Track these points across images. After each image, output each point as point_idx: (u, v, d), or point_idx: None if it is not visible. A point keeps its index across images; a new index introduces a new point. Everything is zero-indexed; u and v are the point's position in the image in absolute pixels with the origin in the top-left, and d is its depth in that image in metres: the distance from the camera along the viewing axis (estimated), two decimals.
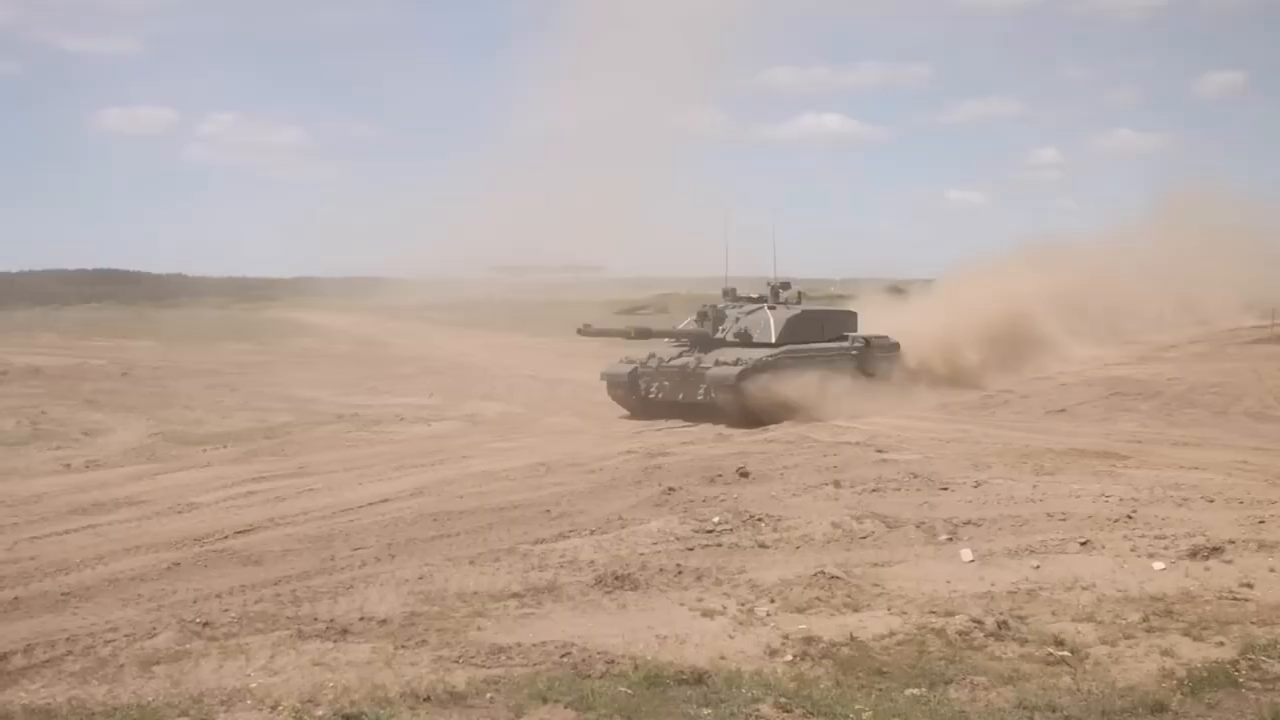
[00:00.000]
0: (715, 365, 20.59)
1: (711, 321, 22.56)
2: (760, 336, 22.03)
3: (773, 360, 20.85)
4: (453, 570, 9.50)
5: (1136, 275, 35.20)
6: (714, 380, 20.28)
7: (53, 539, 11.26)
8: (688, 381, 20.92)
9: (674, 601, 8.60)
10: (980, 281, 30.24)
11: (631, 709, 6.24)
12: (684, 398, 20.90)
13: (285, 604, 8.62)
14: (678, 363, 21.39)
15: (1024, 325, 28.83)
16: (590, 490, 13.28)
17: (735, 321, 22.59)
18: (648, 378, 21.62)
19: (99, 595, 9.20)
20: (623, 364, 22.18)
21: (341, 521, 11.84)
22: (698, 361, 21.11)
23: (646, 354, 22.15)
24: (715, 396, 20.22)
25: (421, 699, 6.38)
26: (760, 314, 22.67)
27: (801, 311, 23.12)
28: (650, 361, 21.80)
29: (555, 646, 7.42)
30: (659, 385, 21.38)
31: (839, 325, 24.01)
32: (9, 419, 20.32)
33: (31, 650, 7.73)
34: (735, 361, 20.38)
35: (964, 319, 26.92)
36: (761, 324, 22.36)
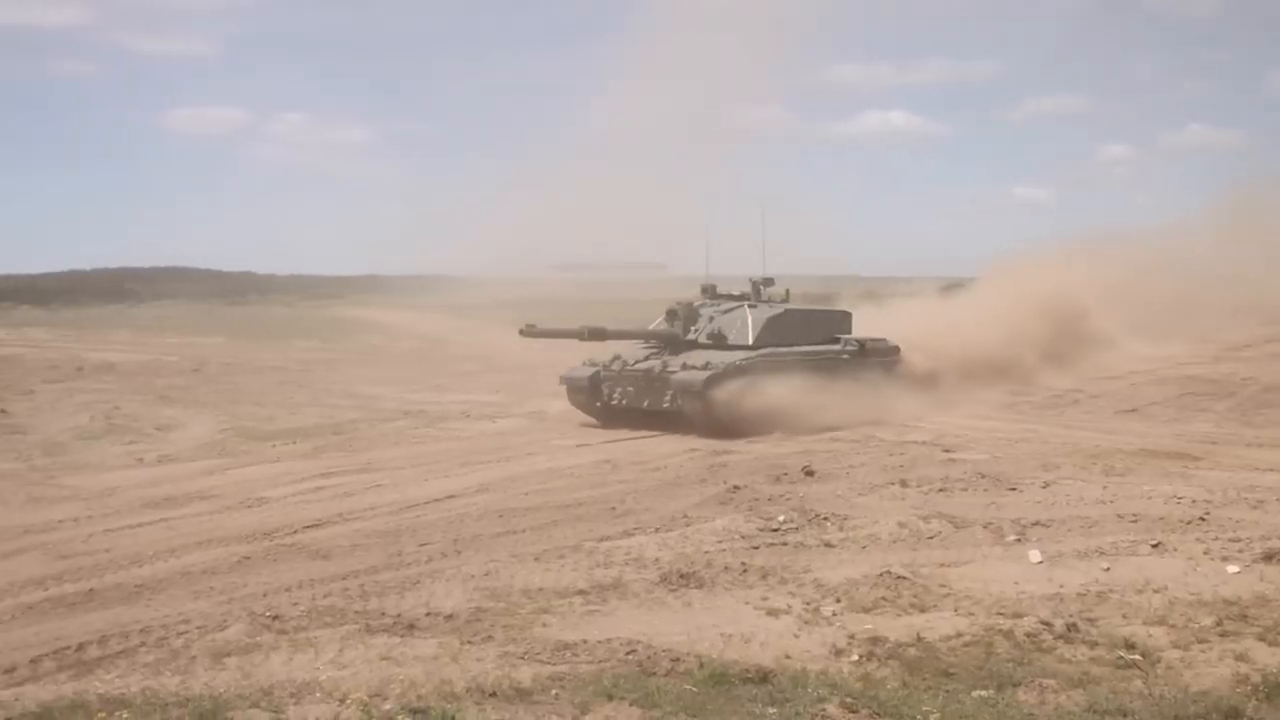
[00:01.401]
0: (682, 369, 18.72)
1: (682, 321, 20.63)
2: (736, 338, 20.06)
3: (747, 364, 18.86)
4: (518, 566, 9.55)
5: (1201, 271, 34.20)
6: (679, 386, 18.43)
7: (126, 532, 11.47)
8: (653, 387, 19.04)
9: (739, 600, 8.59)
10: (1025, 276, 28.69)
11: (696, 707, 6.22)
12: (649, 405, 19.00)
13: (353, 598, 8.72)
14: (642, 366, 19.52)
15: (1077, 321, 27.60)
16: (655, 488, 13.29)
17: (709, 321, 20.63)
18: (611, 382, 19.66)
19: (171, 587, 9.36)
20: (584, 366, 20.16)
21: (408, 517, 11.95)
22: (663, 365, 19.22)
23: (611, 356, 20.14)
24: (682, 404, 18.41)
25: (487, 694, 6.40)
26: (738, 313, 20.67)
27: (784, 311, 21.01)
28: (614, 364, 19.81)
29: (620, 644, 7.43)
30: (622, 390, 19.46)
31: (830, 327, 21.92)
32: (84, 414, 20.68)
33: (106, 641, 7.89)
34: (704, 365, 18.50)
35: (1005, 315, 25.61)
36: (738, 324, 20.37)
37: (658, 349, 20.35)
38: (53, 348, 38.17)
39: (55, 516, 12.21)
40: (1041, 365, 25.50)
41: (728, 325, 20.32)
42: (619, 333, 20.83)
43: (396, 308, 63.86)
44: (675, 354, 19.64)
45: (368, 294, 75.53)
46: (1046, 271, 28.48)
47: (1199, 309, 32.17)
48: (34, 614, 8.75)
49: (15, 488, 13.94)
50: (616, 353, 20.13)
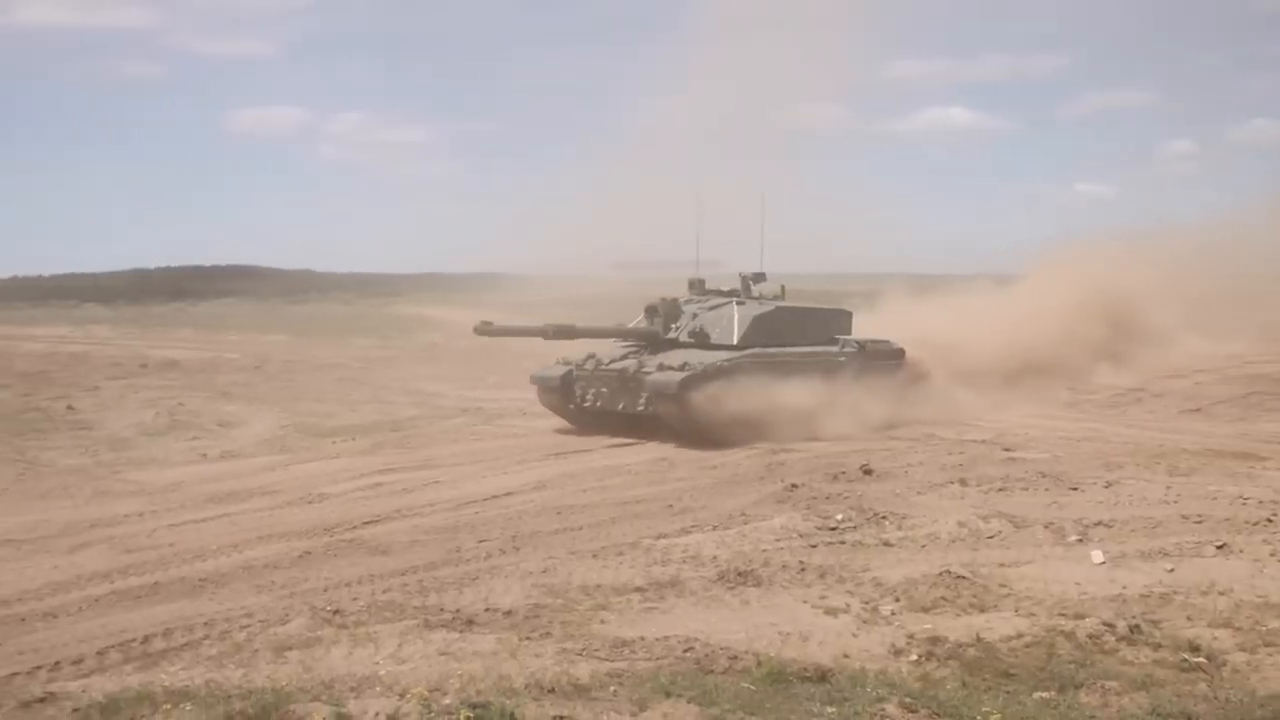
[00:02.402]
0: (658, 370, 17.39)
1: (663, 318, 19.28)
2: (720, 337, 18.70)
3: (729, 366, 17.50)
4: (576, 563, 9.58)
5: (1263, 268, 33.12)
6: (653, 388, 17.10)
7: (190, 526, 11.62)
8: (627, 389, 17.71)
9: (797, 599, 8.57)
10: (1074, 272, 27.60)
11: (754, 705, 6.20)
12: (624, 408, 17.70)
13: (412, 594, 8.78)
14: (617, 366, 18.18)
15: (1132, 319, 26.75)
16: (712, 485, 13.28)
17: (692, 318, 19.30)
18: (584, 382, 18.36)
19: (234, 582, 9.48)
20: (557, 365, 18.95)
21: (466, 514, 12.02)
22: (639, 365, 17.88)
23: (585, 354, 18.86)
24: (657, 407, 17.12)
25: (546, 690, 6.43)
26: (723, 310, 19.29)
27: (775, 309, 19.54)
28: (587, 363, 18.50)
29: (678, 641, 7.44)
30: (596, 392, 18.15)
31: (827, 326, 20.45)
32: (149, 410, 20.95)
33: (171, 633, 8.01)
34: (682, 366, 17.15)
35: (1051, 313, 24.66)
36: (723, 322, 19.00)
37: (637, 348, 19.13)
38: (117, 345, 38.70)
39: (121, 511, 12.40)
40: (1095, 365, 24.82)
41: (711, 323, 19.09)
42: (591, 331, 19.60)
43: (455, 305, 64.23)
44: (655, 353, 18.46)
45: (426, 292, 75.94)
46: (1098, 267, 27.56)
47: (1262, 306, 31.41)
48: (100, 606, 8.90)
49: (82, 482, 14.16)
50: (592, 351, 18.97)
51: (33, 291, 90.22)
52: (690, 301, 19.81)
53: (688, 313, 19.40)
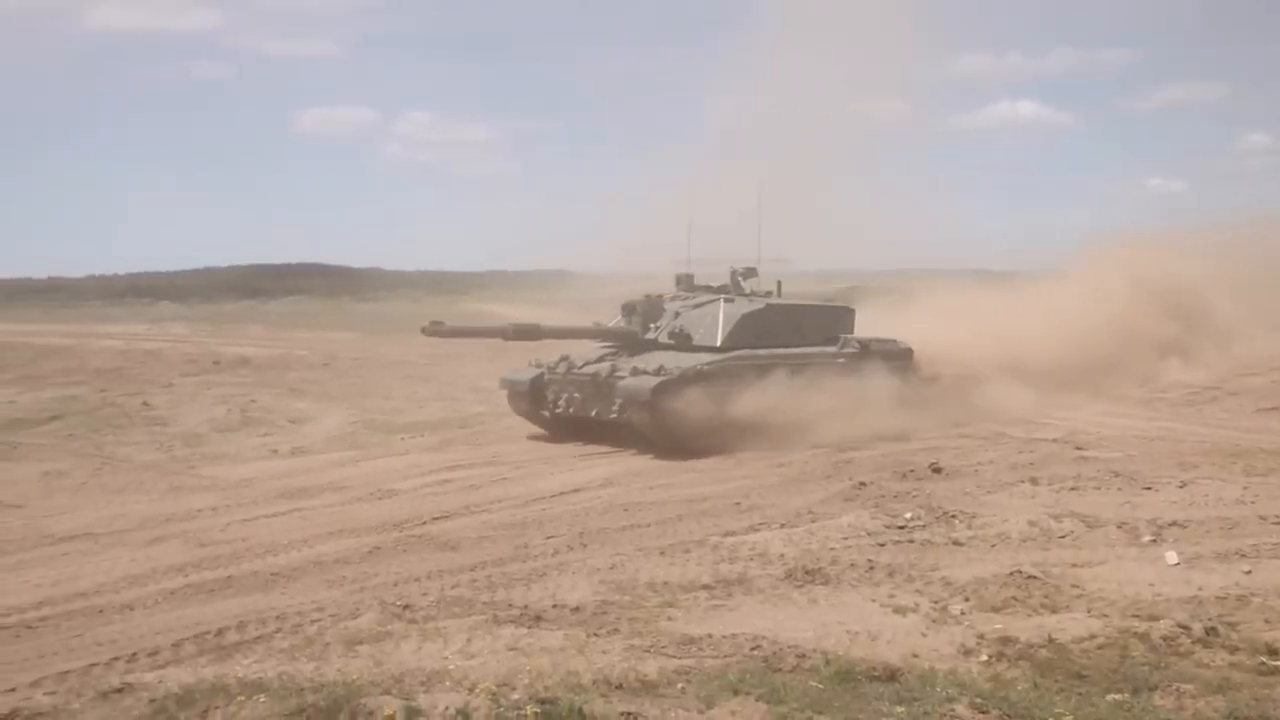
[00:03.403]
0: (631, 374, 16.11)
1: (641, 317, 18.03)
2: (702, 338, 17.36)
3: (710, 369, 16.20)
4: (643, 560, 9.59)
5: None
6: (625, 394, 15.89)
7: (262, 521, 11.80)
8: (600, 393, 16.49)
9: (865, 597, 8.51)
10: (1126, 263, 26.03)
11: (823, 704, 6.17)
12: (598, 414, 16.52)
13: (481, 589, 8.84)
14: (590, 369, 16.97)
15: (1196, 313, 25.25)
16: (779, 483, 13.23)
17: (674, 317, 17.96)
18: (556, 387, 17.21)
19: (305, 576, 9.61)
20: (529, 368, 17.90)
21: (534, 510, 12.09)
22: (612, 369, 16.60)
23: (558, 357, 17.70)
24: (629, 415, 15.98)
25: (614, 687, 6.44)
26: (708, 309, 17.91)
27: (765, 307, 18.09)
28: (559, 366, 17.36)
29: (746, 639, 7.41)
30: (568, 397, 16.98)
31: (825, 325, 18.93)
32: (221, 407, 21.26)
33: (244, 627, 8.13)
34: (657, 370, 15.84)
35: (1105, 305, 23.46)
36: (706, 321, 17.62)
37: (615, 349, 17.95)
38: (190, 342, 39.28)
39: (195, 506, 12.60)
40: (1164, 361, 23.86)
41: (694, 323, 17.72)
42: (559, 331, 18.46)
43: (521, 303, 64.50)
44: (635, 355, 17.25)
45: (493, 289, 76.26)
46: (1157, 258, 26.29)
47: None
48: (175, 599, 9.06)
49: (157, 477, 14.41)
50: (565, 353, 17.79)
51: (108, 290, 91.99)
52: (676, 299, 18.67)
53: (670, 311, 18.21)
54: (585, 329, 18.80)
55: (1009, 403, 19.20)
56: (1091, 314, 23.45)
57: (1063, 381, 20.85)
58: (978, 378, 19.66)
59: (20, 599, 9.13)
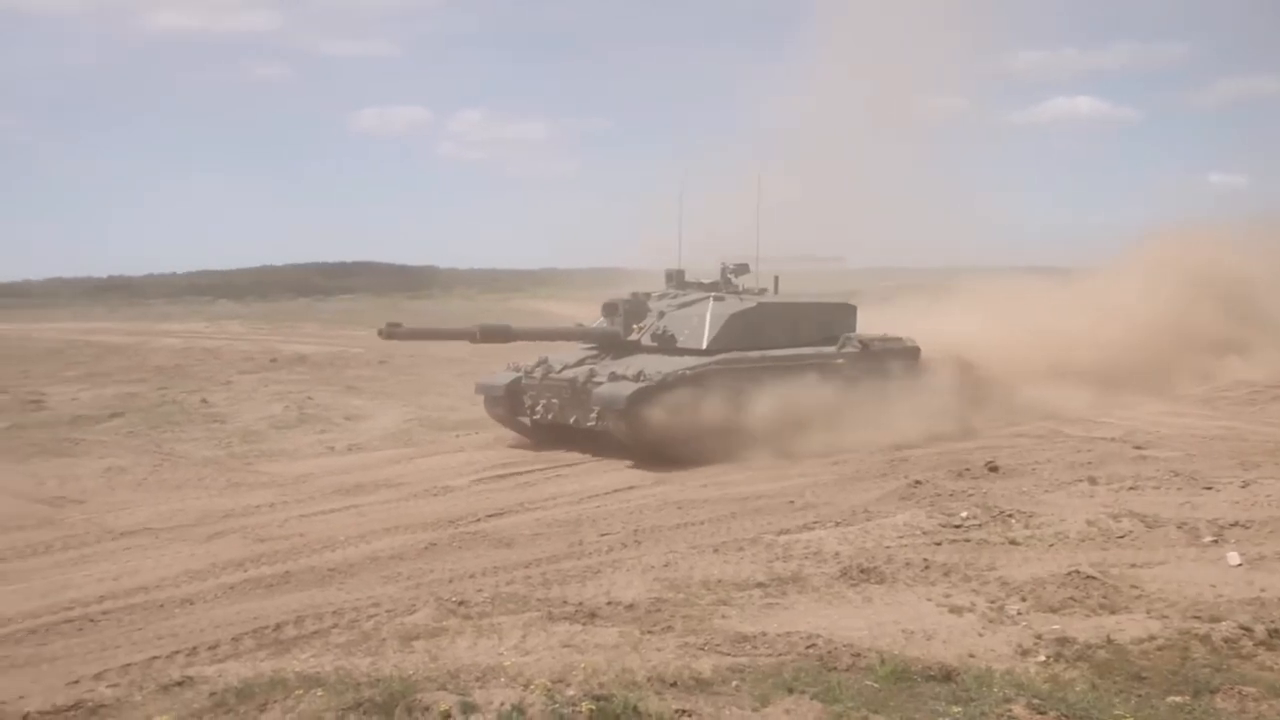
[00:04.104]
0: (609, 380, 15.27)
1: (624, 317, 17.08)
2: (688, 340, 16.38)
3: (693, 374, 15.20)
4: (697, 558, 9.58)
5: None
6: (601, 401, 15.02)
7: (319, 517, 11.92)
8: (578, 400, 15.59)
9: (921, 596, 8.45)
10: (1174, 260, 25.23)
11: (878, 703, 6.14)
12: (576, 421, 15.65)
13: (535, 586, 8.88)
14: (568, 374, 16.05)
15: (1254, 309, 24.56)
16: (834, 481, 13.18)
17: (659, 317, 16.97)
18: (534, 392, 16.38)
19: (361, 572, 9.69)
20: (505, 372, 17.08)
21: (588, 507, 12.13)
22: (590, 374, 15.72)
23: (536, 359, 16.89)
24: (606, 423, 15.15)
25: (668, 684, 6.43)
26: (695, 309, 16.91)
27: (757, 306, 17.07)
28: (536, 370, 16.50)
29: (800, 637, 7.38)
30: (546, 403, 16.13)
31: (824, 324, 17.90)
32: (278, 404, 21.46)
33: (302, 621, 8.22)
34: (636, 376, 14.96)
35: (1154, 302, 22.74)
36: (692, 322, 16.60)
37: (598, 352, 17.02)
38: (248, 340, 39.69)
39: (253, 502, 12.75)
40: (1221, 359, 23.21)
41: (679, 324, 16.71)
42: (532, 332, 17.81)
43: (574, 300, 64.64)
44: (617, 358, 16.33)
45: (546, 287, 76.53)
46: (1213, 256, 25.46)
47: None
48: (235, 594, 9.17)
49: (216, 473, 14.58)
50: (544, 355, 16.98)
51: (167, 288, 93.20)
52: (664, 297, 17.71)
53: (655, 311, 17.22)
54: (563, 330, 18.26)
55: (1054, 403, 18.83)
56: (1145, 310, 22.96)
57: (1116, 380, 20.46)
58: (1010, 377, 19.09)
59: (83, 592, 9.29)
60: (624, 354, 16.39)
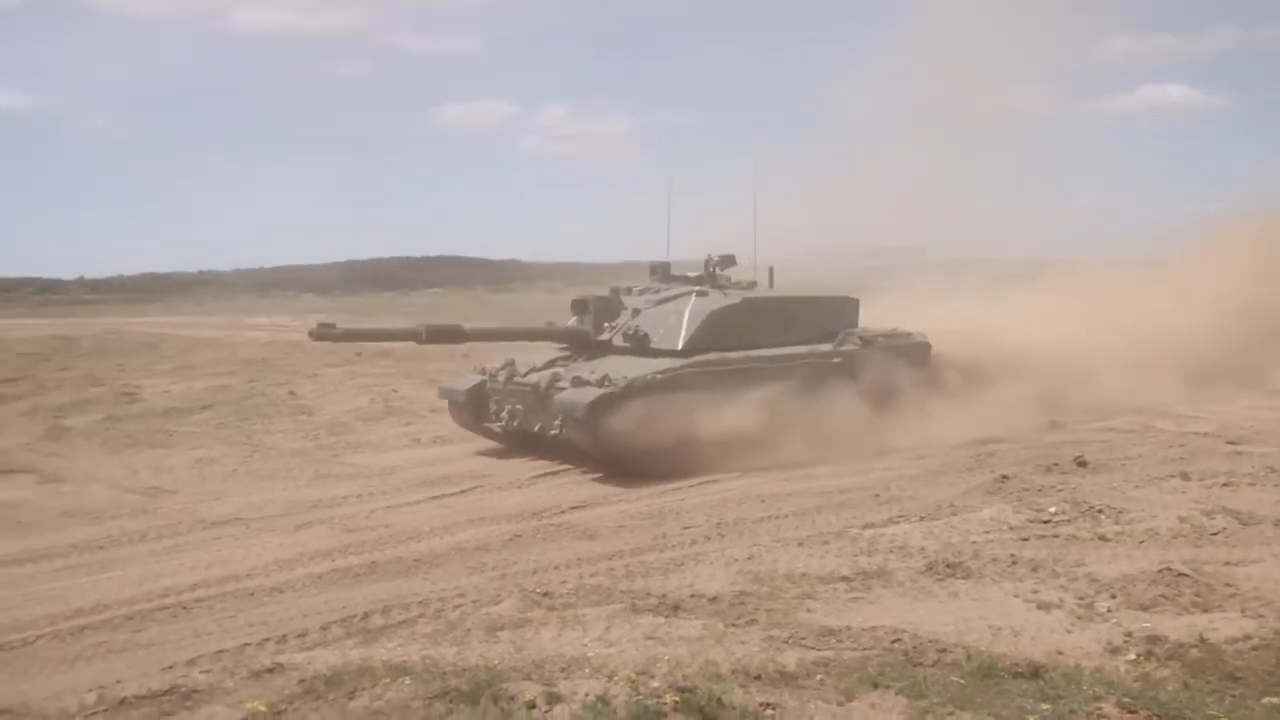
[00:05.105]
0: (572, 385, 13.92)
1: (595, 315, 15.81)
2: (662, 341, 14.97)
3: (665, 379, 13.78)
4: (781, 551, 9.54)
5: None
6: (561, 409, 13.79)
7: (405, 509, 12.06)
8: (542, 406, 14.30)
9: (1008, 592, 8.35)
10: (1260, 246, 23.17)
11: (965, 699, 6.08)
12: (541, 429, 14.36)
13: (619, 578, 8.89)
14: (532, 378, 14.81)
15: None
16: (919, 475, 13.05)
17: (633, 315, 15.63)
18: (499, 397, 15.20)
19: (447, 562, 9.79)
20: (471, 375, 16.08)
21: (671, 500, 12.12)
22: (553, 378, 14.46)
23: (502, 361, 15.73)
24: (568, 432, 13.94)
25: (752, 677, 6.42)
26: (673, 305, 15.54)
27: (741, 301, 15.60)
28: (499, 374, 15.35)
29: (885, 632, 7.33)
30: (511, 409, 14.92)
31: (821, 319, 16.41)
32: (364, 396, 21.73)
33: (389, 611, 8.32)
34: (601, 381, 13.64)
35: (1232, 294, 20.99)
36: (669, 321, 15.21)
37: (569, 353, 15.86)
38: None
39: (340, 493, 12.92)
40: None
41: (655, 322, 15.33)
42: (488, 332, 16.82)
43: None
44: (590, 359, 15.19)
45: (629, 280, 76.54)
46: None
47: None
48: (323, 583, 9.31)
49: (304, 465, 14.80)
50: (511, 357, 15.82)
51: (254, 283, 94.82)
52: (645, 292, 16.44)
53: (630, 308, 15.89)
54: (525, 330, 17.25)
55: (1138, 397, 18.13)
56: (1237, 299, 21.51)
57: (1208, 373, 19.69)
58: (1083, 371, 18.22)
59: (177, 581, 9.49)
60: (597, 355, 15.27)
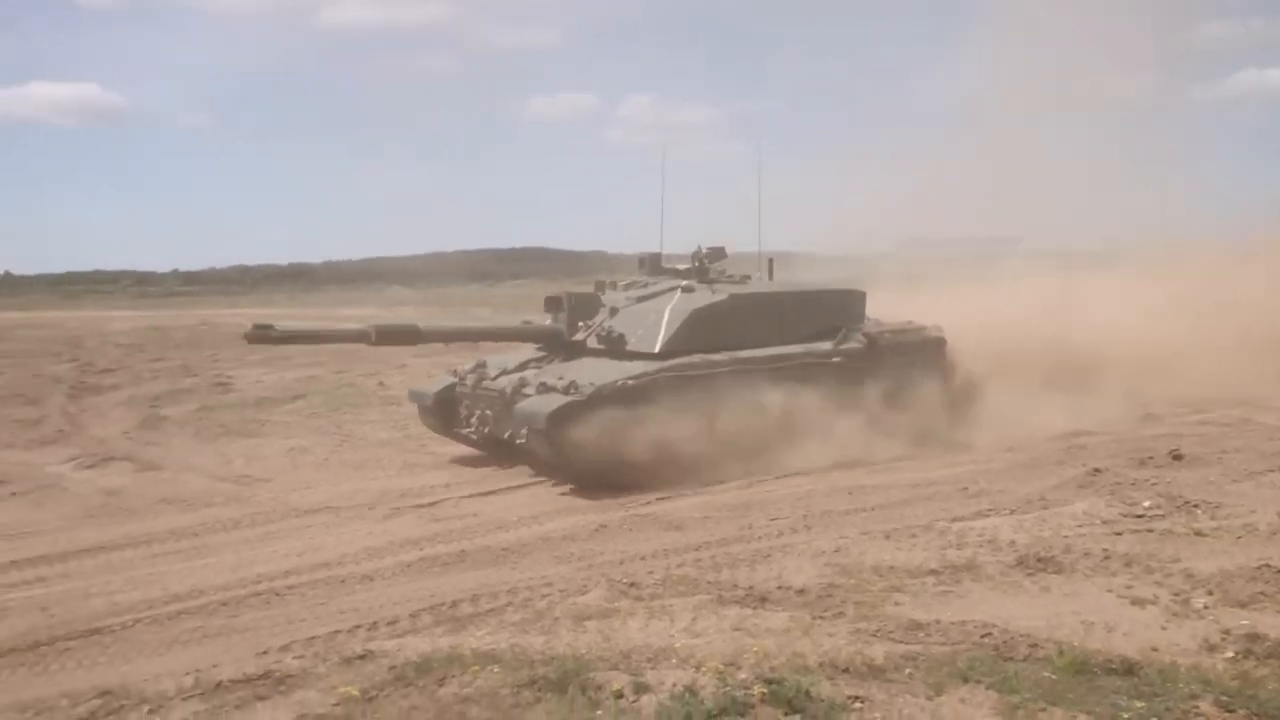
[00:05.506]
0: (537, 392, 12.96)
1: (569, 313, 14.68)
2: (639, 342, 13.74)
3: (635, 386, 12.68)
4: (868, 544, 9.47)
5: None
6: (522, 419, 12.78)
7: (492, 498, 12.26)
8: (509, 413, 13.24)
9: (1100, 587, 8.20)
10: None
11: (1056, 695, 5.99)
12: (510, 437, 13.23)
13: (705, 569, 8.88)
14: (501, 382, 13.78)
15: None
16: (1008, 469, 12.87)
17: (611, 314, 14.49)
18: (468, 402, 14.26)
19: (534, 552, 9.86)
20: (444, 376, 15.22)
21: (757, 492, 12.10)
22: (520, 383, 13.42)
23: (474, 363, 14.88)
24: (531, 442, 12.91)
25: (840, 670, 6.39)
26: (652, 304, 14.30)
27: (728, 298, 14.28)
28: (468, 378, 14.41)
29: (975, 626, 7.24)
30: (480, 414, 13.92)
31: (822, 315, 15.08)
32: None
33: (477, 599, 8.40)
34: (567, 388, 12.65)
35: None
36: (648, 319, 13.96)
37: (547, 354, 14.79)
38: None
39: (429, 482, 13.09)
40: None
41: (633, 322, 14.09)
42: (446, 332, 15.95)
43: None
44: (568, 360, 14.24)
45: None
46: None
47: None
48: (412, 571, 9.43)
49: (393, 454, 15.01)
50: (482, 359, 15.01)
51: (342, 275, 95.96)
52: (631, 286, 15.28)
53: (609, 306, 14.75)
54: (486, 329, 15.96)
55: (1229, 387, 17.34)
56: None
57: None
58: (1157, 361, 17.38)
59: (270, 568, 9.67)
60: (574, 357, 14.31)
